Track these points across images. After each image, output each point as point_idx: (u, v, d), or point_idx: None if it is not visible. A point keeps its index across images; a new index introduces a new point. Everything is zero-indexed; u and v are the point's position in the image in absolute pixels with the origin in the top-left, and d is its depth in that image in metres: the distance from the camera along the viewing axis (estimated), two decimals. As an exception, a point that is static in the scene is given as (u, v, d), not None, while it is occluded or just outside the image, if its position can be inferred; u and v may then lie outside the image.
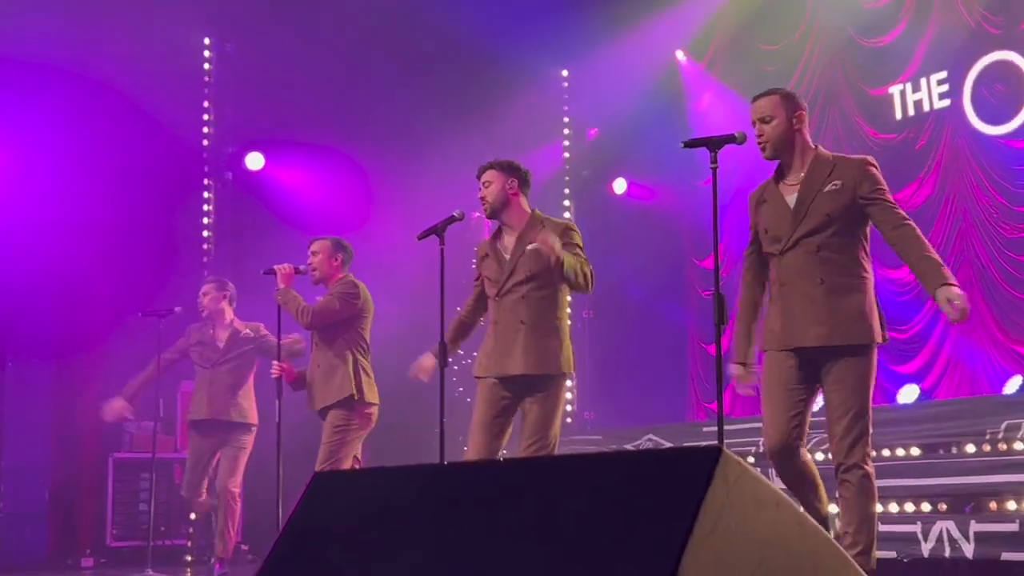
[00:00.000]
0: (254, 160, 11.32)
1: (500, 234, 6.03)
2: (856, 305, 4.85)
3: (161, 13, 10.39)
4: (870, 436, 4.83)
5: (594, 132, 13.17)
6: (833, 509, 4.99)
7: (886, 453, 7.67)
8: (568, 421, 11.70)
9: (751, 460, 8.10)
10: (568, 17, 11.30)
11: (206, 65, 11.58)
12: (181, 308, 8.72)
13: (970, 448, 7.35)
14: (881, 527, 4.90)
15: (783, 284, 4.98)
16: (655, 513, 2.41)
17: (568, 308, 6.04)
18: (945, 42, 9.94)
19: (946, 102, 9.99)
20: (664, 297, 12.25)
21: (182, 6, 10.67)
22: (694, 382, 12.26)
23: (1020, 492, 6.75)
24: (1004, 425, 7.28)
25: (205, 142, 11.52)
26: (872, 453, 4.87)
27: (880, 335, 4.89)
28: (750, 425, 8.74)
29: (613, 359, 12.52)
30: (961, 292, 4.69)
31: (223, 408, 8.27)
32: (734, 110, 10.81)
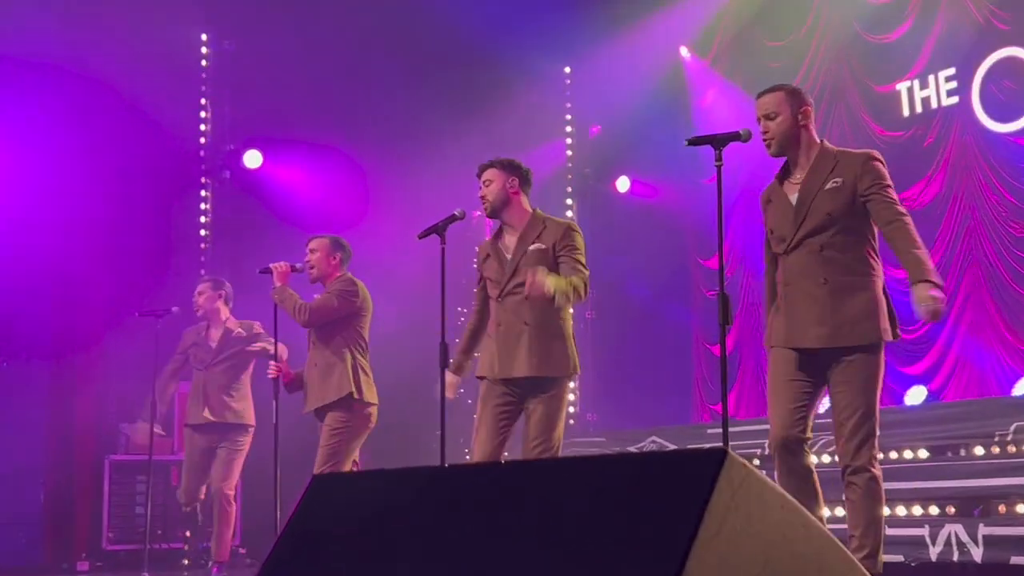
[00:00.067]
0: (252, 158, 11.30)
1: (501, 234, 6.00)
2: (861, 305, 4.79)
3: (158, 11, 10.37)
4: (877, 438, 4.78)
5: (597, 129, 13.13)
6: (839, 512, 4.95)
7: (893, 455, 7.66)
8: (571, 423, 11.65)
9: (756, 463, 8.07)
10: (570, 13, 11.29)
11: (203, 62, 11.56)
12: (178, 308, 8.65)
13: (979, 450, 7.38)
14: (888, 530, 4.86)
15: (787, 284, 4.94)
16: (659, 516, 2.40)
17: (571, 308, 5.99)
18: (953, 38, 9.89)
19: (954, 99, 9.95)
20: (668, 297, 12.21)
21: (179, 3, 10.65)
22: (698, 383, 12.22)
23: (1030, 495, 6.73)
24: (1013, 427, 7.31)
25: (202, 140, 11.51)
26: (879, 455, 4.81)
27: (889, 333, 4.83)
28: (755, 427, 8.70)
29: (616, 360, 12.48)
30: (938, 294, 4.60)
31: (218, 410, 8.21)
32: (739, 107, 10.75)
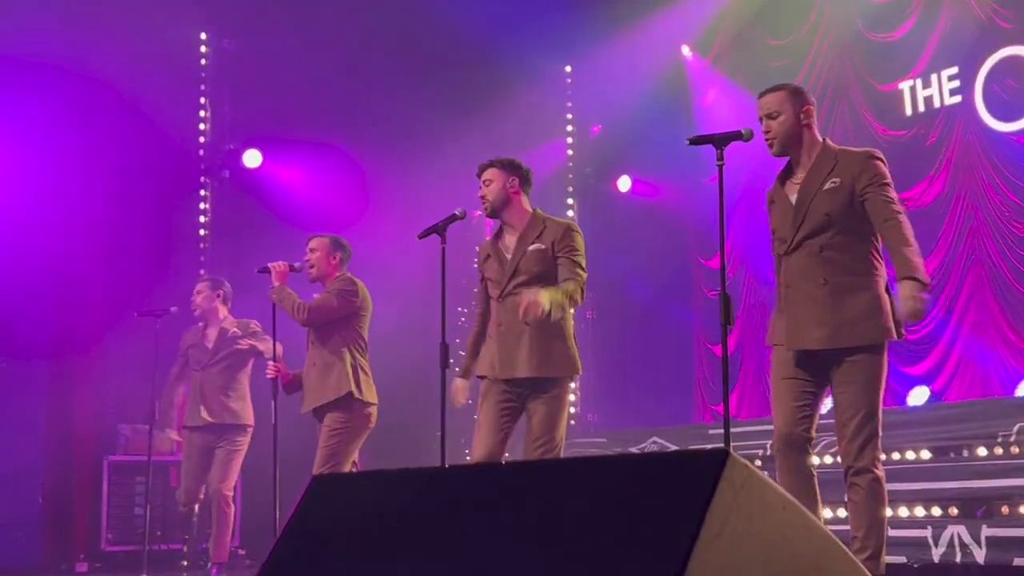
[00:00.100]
0: (251, 158, 11.26)
1: (501, 234, 5.97)
2: (861, 305, 4.74)
3: (158, 10, 10.35)
4: (880, 438, 4.75)
5: (598, 129, 13.09)
6: (842, 513, 4.93)
7: (896, 456, 7.65)
8: (571, 423, 11.61)
9: (758, 463, 8.04)
10: (571, 12, 11.27)
11: (203, 62, 11.52)
12: (177, 308, 8.61)
13: (982, 451, 7.38)
14: (891, 532, 4.85)
15: (788, 286, 4.92)
16: (660, 517, 2.39)
17: (572, 309, 5.95)
18: (956, 37, 9.87)
19: (957, 98, 9.93)
20: (669, 297, 12.18)
21: (179, 3, 10.63)
22: (700, 384, 12.20)
23: (1033, 496, 6.73)
24: (1016, 428, 7.34)
25: (202, 139, 11.46)
26: (882, 456, 4.78)
27: (893, 333, 4.78)
28: (757, 428, 8.69)
29: (617, 360, 12.45)
30: (922, 294, 4.52)
31: (216, 411, 8.17)
32: (740, 106, 10.72)
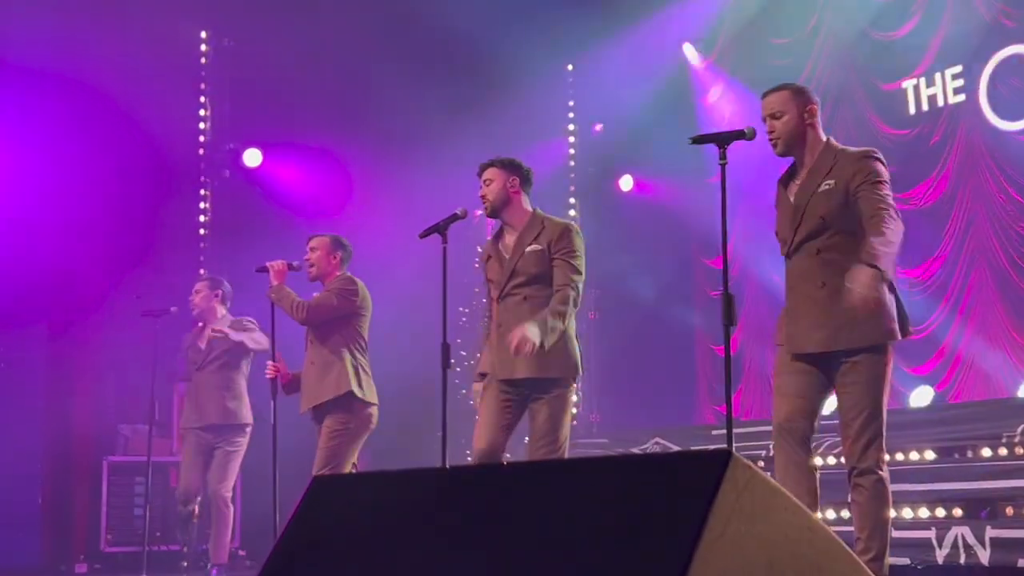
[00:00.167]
0: (252, 157, 11.22)
1: (502, 234, 5.95)
2: (854, 309, 4.65)
3: (157, 8, 10.36)
4: (884, 439, 4.71)
5: (600, 128, 13.03)
6: (845, 514, 4.90)
7: (900, 457, 7.63)
8: (573, 424, 11.58)
9: (761, 464, 8.00)
10: (573, 10, 11.21)
11: (203, 60, 11.48)
12: (177, 308, 8.56)
13: (986, 452, 7.37)
14: (894, 533, 4.80)
15: (790, 288, 4.91)
16: (663, 518, 2.37)
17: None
18: (960, 36, 9.83)
19: (961, 97, 9.89)
20: (672, 297, 12.14)
21: (179, 1, 10.64)
22: (702, 384, 12.17)
23: (1037, 497, 6.72)
24: (1021, 428, 7.35)
25: (202, 138, 11.42)
26: (886, 457, 4.75)
27: (896, 333, 4.74)
28: (760, 428, 8.65)
29: (619, 360, 12.41)
30: (874, 281, 4.40)
31: (212, 411, 8.13)
32: (743, 105, 10.68)
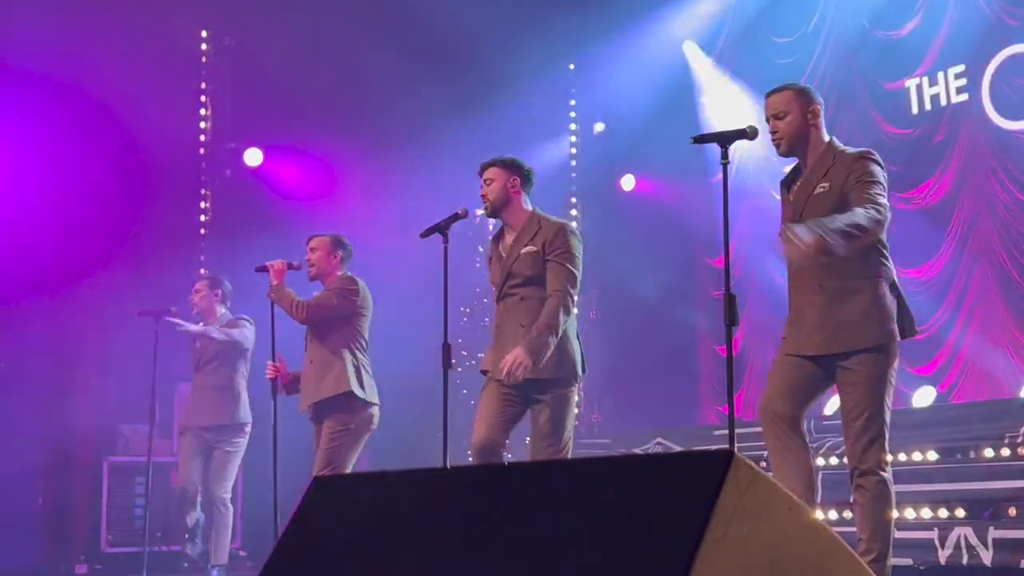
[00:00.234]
0: (252, 156, 11.19)
1: (502, 234, 5.92)
2: (857, 308, 4.70)
3: (158, 7, 10.36)
4: (886, 439, 4.69)
5: (601, 127, 13.00)
6: (848, 515, 4.88)
7: (902, 457, 7.61)
8: (576, 424, 11.57)
9: (763, 464, 7.98)
10: (575, 9, 11.18)
11: (203, 59, 11.46)
12: (177, 308, 8.54)
13: (988, 452, 7.36)
14: (897, 533, 4.78)
15: (792, 290, 4.91)
16: (665, 518, 2.36)
17: (576, 309, 5.90)
18: (963, 34, 9.80)
19: (964, 96, 9.86)
20: (673, 297, 12.11)
21: (179, 0, 10.57)
22: (704, 384, 12.14)
23: (1040, 497, 6.71)
24: (1023, 429, 7.18)
25: (202, 138, 11.39)
26: (889, 458, 4.72)
27: (896, 333, 4.71)
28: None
29: (621, 360, 12.37)
30: (806, 237, 4.36)
31: (209, 411, 8.12)
32: (745, 104, 10.65)
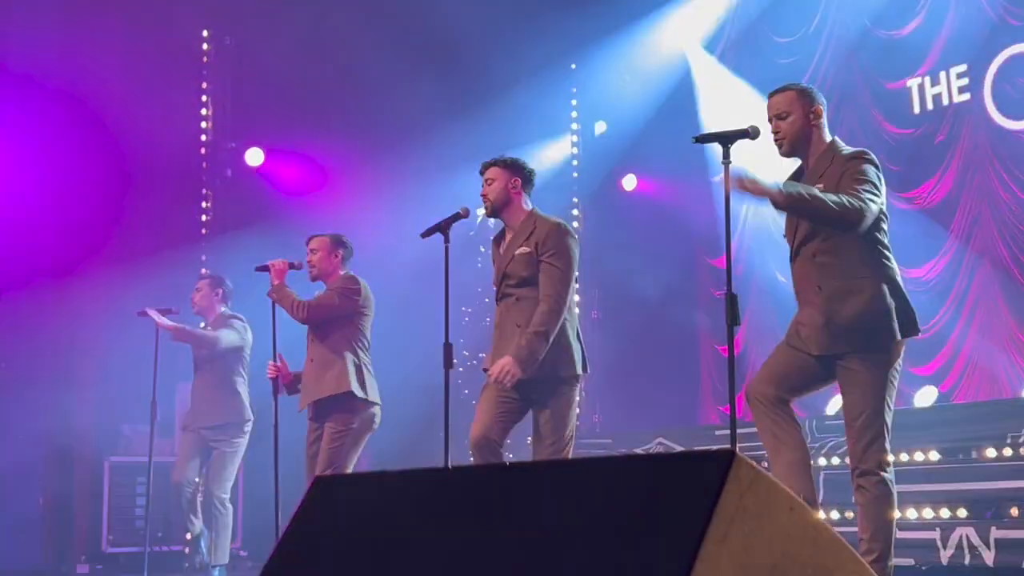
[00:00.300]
0: (254, 156, 11.18)
1: (503, 235, 5.91)
2: (858, 309, 4.69)
3: (159, 6, 10.37)
4: (888, 440, 4.69)
5: (603, 126, 12.98)
6: (850, 515, 4.88)
7: (904, 457, 7.60)
8: (577, 424, 11.56)
9: (765, 464, 7.97)
10: (576, 9, 11.15)
11: (204, 59, 11.44)
12: (178, 308, 8.54)
13: (991, 452, 7.36)
14: (899, 534, 4.78)
15: (796, 292, 4.92)
16: (666, 519, 2.34)
17: (576, 309, 5.89)
18: (965, 34, 9.76)
19: (966, 96, 9.82)
20: (675, 297, 12.08)
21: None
22: (706, 384, 12.12)
23: (1042, 498, 6.71)
24: None
25: (203, 137, 11.36)
26: (890, 458, 4.71)
27: (896, 333, 4.69)
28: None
29: (622, 360, 12.34)
30: (764, 187, 4.47)
31: (208, 410, 8.12)
32: (747, 104, 10.62)
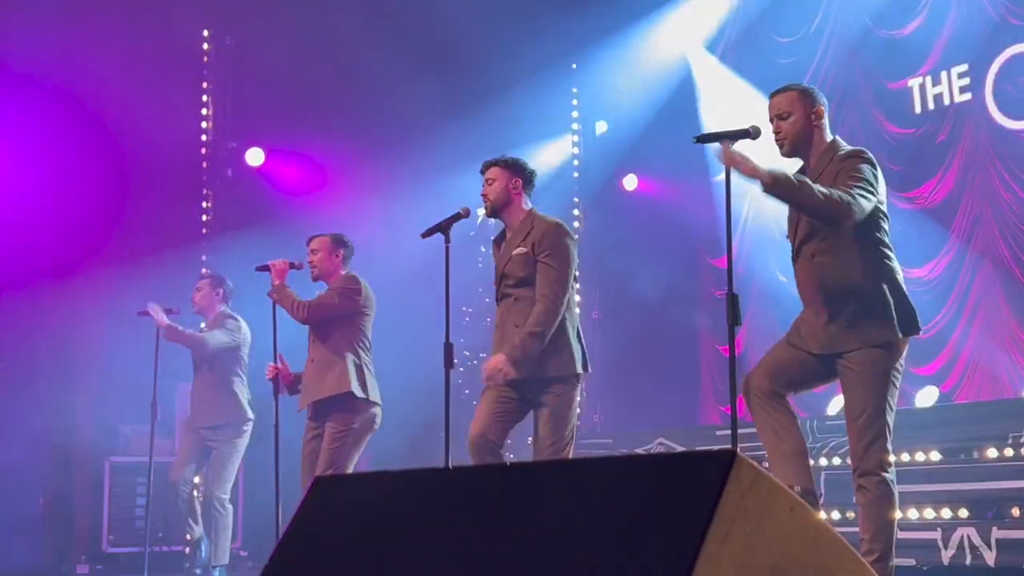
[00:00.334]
0: (254, 156, 11.18)
1: (504, 235, 5.90)
2: (858, 308, 4.69)
3: (159, 6, 10.36)
4: (889, 440, 4.68)
5: (604, 126, 12.97)
6: (851, 515, 4.88)
7: (905, 457, 7.60)
8: (577, 424, 11.54)
9: (766, 465, 7.96)
10: (577, 9, 11.15)
11: (205, 59, 11.43)
12: (178, 308, 8.53)
13: (992, 452, 7.35)
14: (900, 534, 4.77)
15: (799, 292, 4.93)
16: (667, 519, 2.35)
17: (577, 308, 5.88)
18: (966, 34, 9.75)
19: (967, 95, 9.81)
20: (676, 297, 12.07)
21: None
22: (707, 384, 12.11)
23: (1044, 498, 6.70)
24: None
25: (204, 137, 11.36)
26: (891, 458, 4.71)
27: (896, 332, 4.69)
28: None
29: (623, 360, 12.33)
30: (754, 166, 4.48)
31: (206, 410, 8.12)
32: (748, 103, 10.61)
